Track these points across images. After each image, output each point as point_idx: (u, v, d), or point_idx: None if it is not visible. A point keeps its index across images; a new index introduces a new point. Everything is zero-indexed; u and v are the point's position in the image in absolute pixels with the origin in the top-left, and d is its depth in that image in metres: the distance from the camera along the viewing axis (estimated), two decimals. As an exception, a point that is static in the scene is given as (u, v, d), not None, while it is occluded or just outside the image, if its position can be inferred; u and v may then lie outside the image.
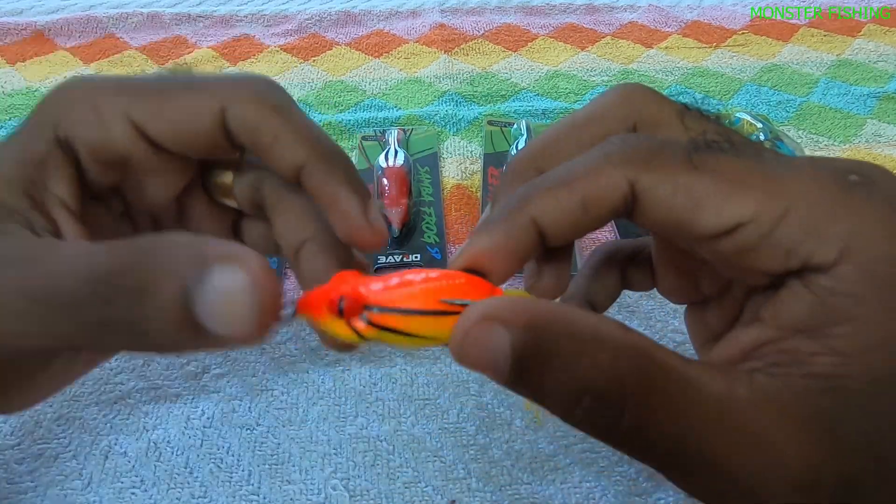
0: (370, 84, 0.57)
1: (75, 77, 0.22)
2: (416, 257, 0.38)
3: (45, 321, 0.16)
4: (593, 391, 0.15)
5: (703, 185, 0.17)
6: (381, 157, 0.44)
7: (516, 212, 0.19)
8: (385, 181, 0.41)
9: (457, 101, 0.55)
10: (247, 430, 0.29)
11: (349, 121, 0.51)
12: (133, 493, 0.27)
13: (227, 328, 0.15)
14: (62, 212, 0.20)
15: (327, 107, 0.54)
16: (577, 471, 0.28)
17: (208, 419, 0.29)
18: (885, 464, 0.16)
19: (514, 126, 0.49)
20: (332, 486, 0.27)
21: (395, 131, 0.48)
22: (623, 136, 0.19)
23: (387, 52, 0.63)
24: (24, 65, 0.59)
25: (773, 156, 0.18)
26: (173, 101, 0.21)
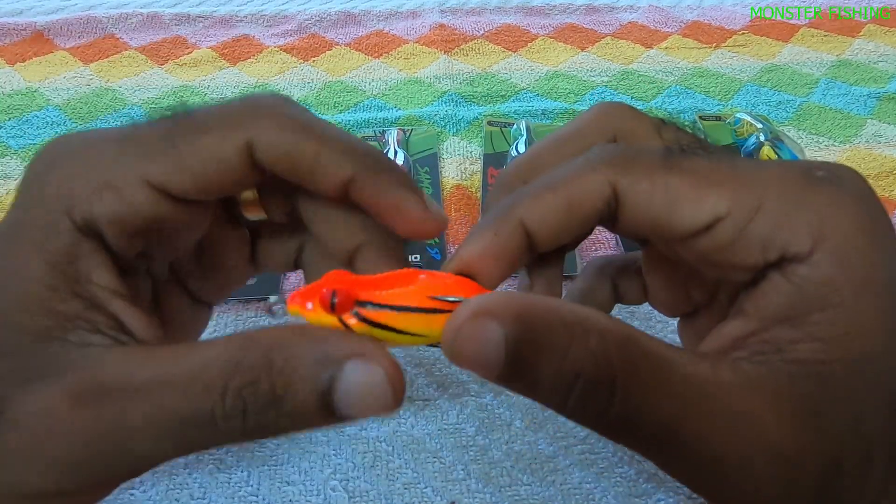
0: (370, 84, 0.57)
1: (66, 139, 0.20)
2: (416, 258, 0.38)
3: (184, 442, 0.17)
4: (586, 376, 0.15)
5: (678, 183, 0.18)
6: (381, 158, 0.44)
7: (504, 216, 0.19)
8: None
9: (457, 101, 0.55)
10: (246, 430, 0.29)
11: (349, 121, 0.51)
12: (132, 494, 0.27)
13: (367, 413, 0.16)
14: (117, 302, 0.19)
15: (327, 107, 0.54)
16: (577, 472, 0.28)
17: (208, 420, 0.29)
18: (869, 445, 0.16)
19: (514, 126, 0.49)
20: (331, 487, 0.27)
21: (395, 132, 0.48)
22: (604, 145, 0.20)
23: (387, 52, 0.63)
24: (23, 65, 0.59)
25: (743, 159, 0.19)
26: (191, 150, 0.19)
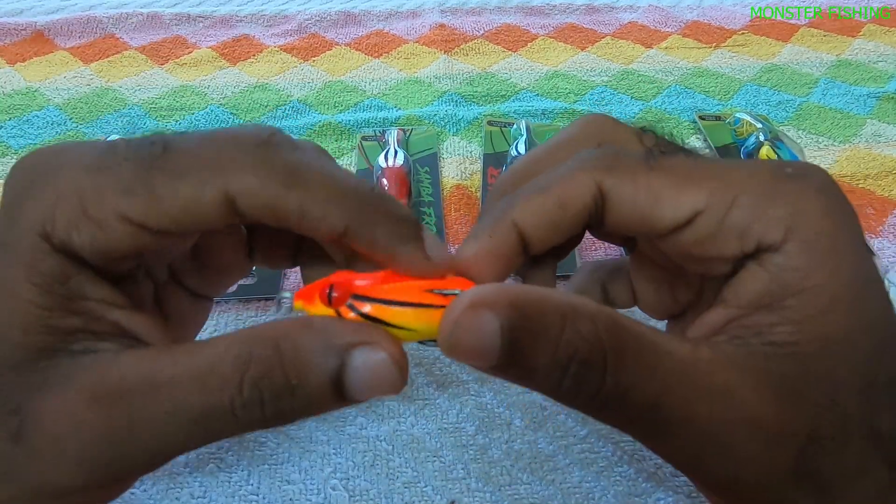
0: (370, 84, 0.57)
1: (42, 158, 0.19)
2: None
3: (202, 433, 0.18)
4: (579, 358, 0.16)
5: (660, 181, 0.19)
6: (381, 158, 0.44)
7: (499, 218, 0.20)
8: (385, 181, 0.41)
9: (456, 101, 0.55)
10: (246, 430, 0.29)
11: (349, 121, 0.51)
12: (133, 493, 0.27)
13: (376, 394, 0.18)
14: (117, 311, 0.19)
15: (327, 107, 0.54)
16: (577, 471, 0.28)
17: (208, 419, 0.29)
18: (845, 421, 0.17)
19: (514, 126, 0.49)
20: (331, 486, 0.27)
21: (395, 131, 0.48)
22: (590, 150, 0.21)
23: (386, 52, 0.63)
24: (24, 65, 0.59)
25: (719, 159, 0.20)
26: (168, 195, 0.18)
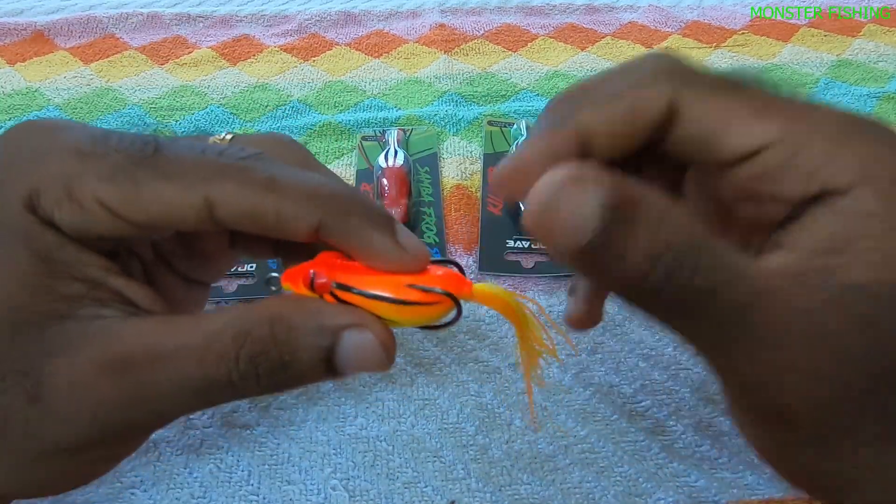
0: (370, 84, 0.57)
1: (30, 131, 0.20)
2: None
3: (204, 399, 0.19)
4: (676, 248, 0.16)
5: (735, 106, 0.19)
6: (381, 158, 0.44)
7: (564, 118, 0.20)
8: (385, 181, 0.41)
9: (457, 101, 0.55)
10: (246, 430, 0.29)
11: (349, 121, 0.51)
12: (133, 493, 0.27)
13: (363, 371, 0.19)
14: (116, 278, 0.20)
15: (327, 107, 0.54)
16: (577, 471, 0.28)
17: (208, 419, 0.29)
18: None
19: (514, 126, 0.49)
20: (331, 487, 0.27)
21: (395, 131, 0.48)
22: (665, 55, 0.20)
23: (387, 52, 0.63)
24: (24, 65, 0.59)
25: (799, 97, 0.19)
26: (150, 195, 0.18)
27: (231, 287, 0.35)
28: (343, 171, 0.46)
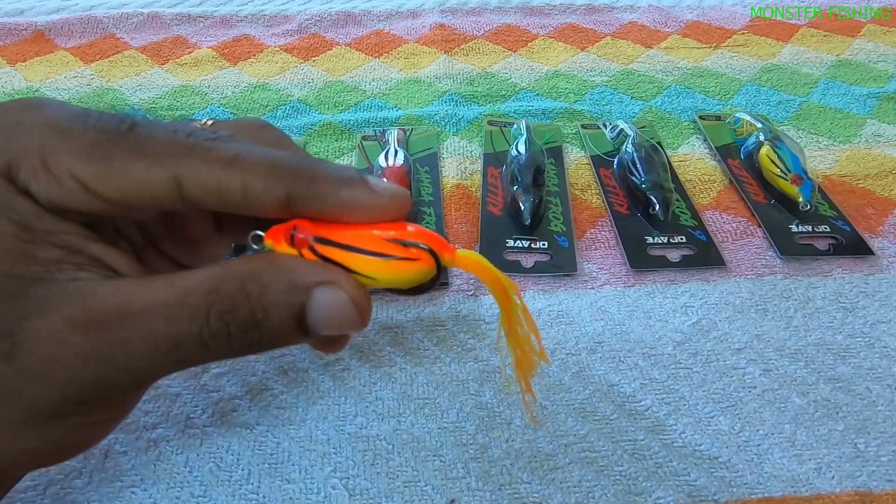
0: (370, 84, 0.57)
1: (14, 108, 0.20)
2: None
3: (177, 359, 0.19)
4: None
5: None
6: (381, 157, 0.44)
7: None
8: (385, 181, 0.41)
9: (457, 101, 0.55)
10: (246, 429, 0.29)
11: (349, 121, 0.51)
12: (133, 492, 0.27)
13: (339, 330, 0.19)
14: (94, 244, 0.20)
15: (327, 107, 0.54)
16: (577, 470, 0.28)
17: (208, 418, 0.29)
18: None
19: (514, 126, 0.49)
20: (331, 486, 0.27)
21: (395, 131, 0.48)
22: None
23: (387, 52, 0.63)
24: (24, 65, 0.59)
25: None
26: (121, 172, 0.19)
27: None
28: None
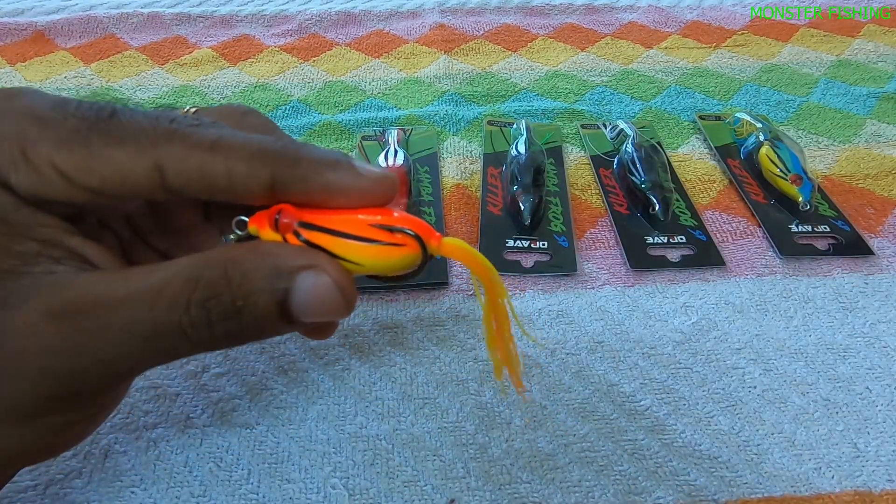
0: (370, 84, 0.58)
1: None
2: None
3: (157, 351, 0.19)
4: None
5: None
6: (381, 157, 0.44)
7: None
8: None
9: (457, 101, 0.55)
10: (246, 429, 0.29)
11: (349, 121, 0.51)
12: (132, 492, 0.27)
13: (323, 317, 0.19)
14: (73, 238, 0.19)
15: (327, 107, 0.54)
16: (577, 469, 0.28)
17: (208, 418, 0.29)
18: None
19: (514, 126, 0.49)
20: (331, 485, 0.27)
21: (395, 131, 0.48)
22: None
23: (387, 52, 0.63)
24: (24, 65, 0.59)
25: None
26: (102, 159, 0.18)
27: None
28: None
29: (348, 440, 0.29)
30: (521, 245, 0.39)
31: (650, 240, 0.39)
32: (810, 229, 0.40)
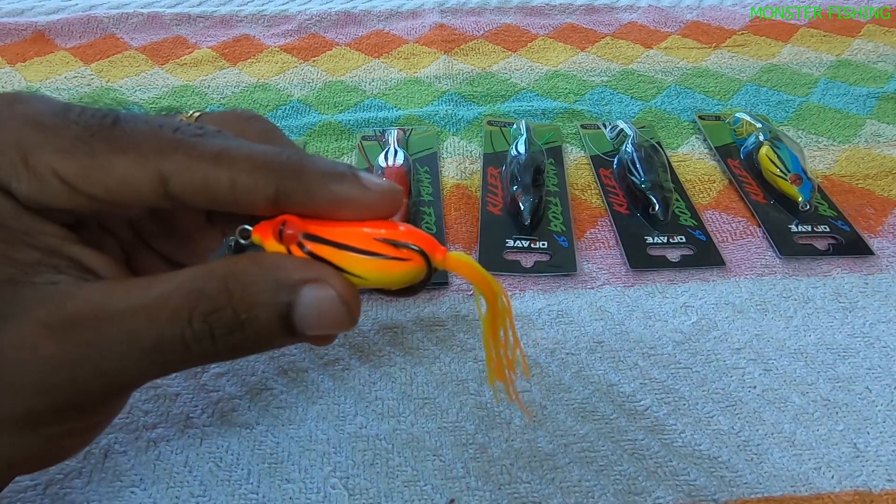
0: (370, 84, 0.58)
1: None
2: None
3: (158, 363, 0.19)
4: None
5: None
6: (381, 157, 0.44)
7: None
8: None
9: (456, 101, 0.55)
10: (246, 428, 0.29)
11: (349, 121, 0.51)
12: (132, 492, 0.27)
13: (326, 330, 0.19)
14: (74, 246, 0.19)
15: (327, 107, 0.54)
16: (576, 470, 0.28)
17: (208, 418, 0.29)
18: None
19: (514, 126, 0.49)
20: (331, 485, 0.27)
21: (395, 131, 0.48)
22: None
23: (387, 52, 0.63)
24: (24, 65, 0.59)
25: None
26: (105, 168, 0.18)
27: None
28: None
29: (348, 440, 0.29)
30: (520, 245, 0.39)
31: (650, 240, 0.39)
32: (810, 229, 0.40)
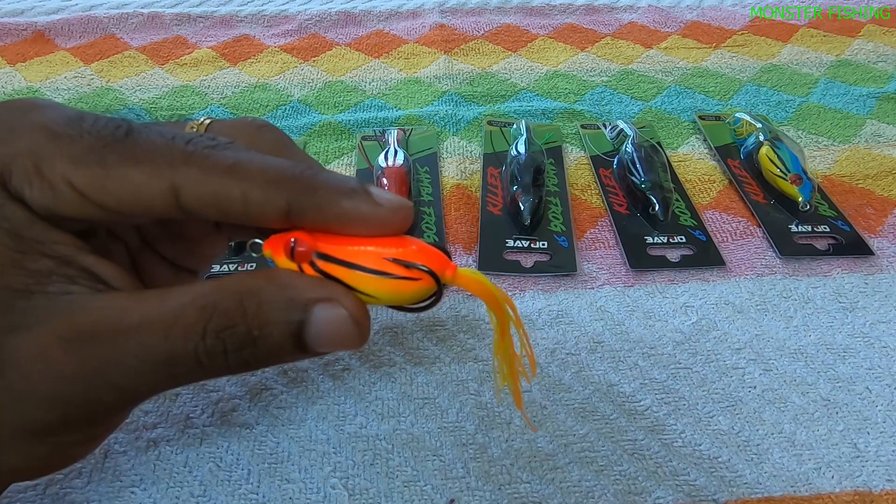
0: (370, 84, 0.58)
1: (7, 109, 0.19)
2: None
3: (170, 377, 0.19)
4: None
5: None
6: (381, 157, 0.44)
7: None
8: (385, 181, 0.41)
9: (456, 101, 0.55)
10: (246, 429, 0.29)
11: (349, 121, 0.51)
12: (132, 492, 0.27)
13: (337, 349, 0.19)
14: (86, 256, 0.19)
15: (327, 107, 0.54)
16: (576, 470, 0.28)
17: (208, 418, 0.29)
18: None
19: (514, 126, 0.49)
20: (331, 485, 0.27)
21: (395, 131, 0.48)
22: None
23: (387, 52, 0.63)
24: (24, 65, 0.59)
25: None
26: (118, 178, 0.18)
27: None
28: (343, 171, 0.46)
29: (348, 440, 0.29)
30: (520, 245, 0.39)
31: (650, 240, 0.39)
32: (810, 229, 0.40)
